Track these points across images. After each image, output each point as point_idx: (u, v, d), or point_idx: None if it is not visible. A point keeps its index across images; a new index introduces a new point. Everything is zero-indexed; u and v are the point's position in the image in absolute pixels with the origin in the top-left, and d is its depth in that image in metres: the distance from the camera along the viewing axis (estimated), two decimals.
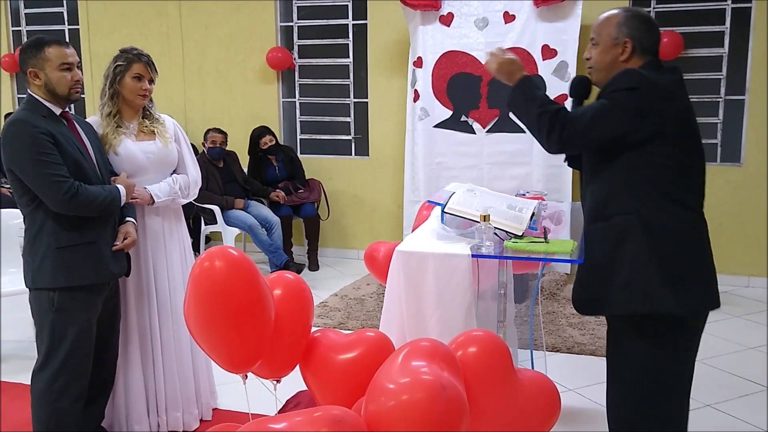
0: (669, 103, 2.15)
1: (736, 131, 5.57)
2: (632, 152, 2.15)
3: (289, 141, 6.79)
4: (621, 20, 2.23)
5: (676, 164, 2.16)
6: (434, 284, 2.60)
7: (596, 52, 2.27)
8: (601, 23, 2.28)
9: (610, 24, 2.24)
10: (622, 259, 2.17)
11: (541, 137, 2.23)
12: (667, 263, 2.14)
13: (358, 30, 6.42)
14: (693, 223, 2.21)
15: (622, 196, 2.18)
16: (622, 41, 2.22)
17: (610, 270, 2.19)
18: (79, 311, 2.69)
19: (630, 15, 2.24)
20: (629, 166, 2.17)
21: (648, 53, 2.23)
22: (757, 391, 3.65)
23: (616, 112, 2.13)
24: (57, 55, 2.65)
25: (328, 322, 4.73)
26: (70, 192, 2.57)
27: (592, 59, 2.29)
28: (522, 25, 5.53)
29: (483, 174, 5.66)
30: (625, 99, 2.12)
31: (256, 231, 5.78)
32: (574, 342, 4.31)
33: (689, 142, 2.20)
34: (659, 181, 2.15)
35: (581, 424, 3.31)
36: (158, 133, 3.06)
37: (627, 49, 2.22)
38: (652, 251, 2.14)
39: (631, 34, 2.21)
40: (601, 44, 2.26)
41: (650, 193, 2.16)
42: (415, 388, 1.72)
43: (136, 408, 3.05)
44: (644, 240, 2.14)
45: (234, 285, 2.09)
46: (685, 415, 2.32)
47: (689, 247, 2.19)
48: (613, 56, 2.23)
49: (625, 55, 2.22)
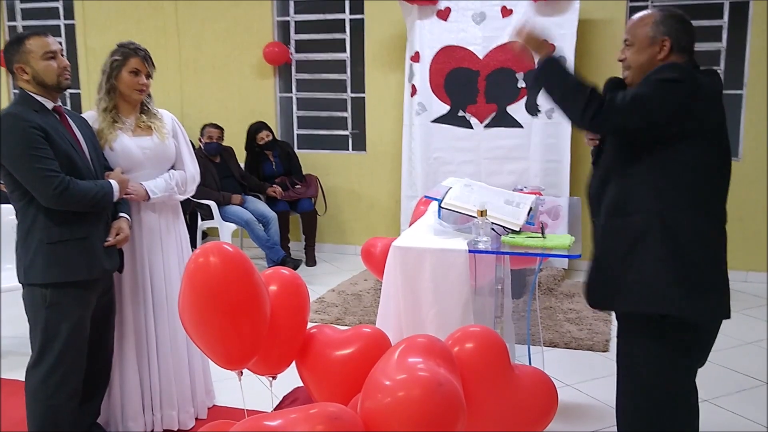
0: (707, 104, 2.13)
1: (733, 126, 5.56)
2: (661, 150, 2.12)
3: (286, 136, 6.77)
4: (658, 19, 2.21)
5: (703, 168, 2.14)
6: (431, 280, 2.59)
7: (631, 52, 2.24)
8: (636, 23, 2.25)
9: (646, 23, 2.22)
10: (637, 257, 2.14)
11: (573, 111, 2.18)
12: (682, 267, 2.12)
13: (355, 25, 6.39)
14: (713, 230, 2.19)
15: (645, 194, 2.15)
16: (659, 40, 2.19)
17: (625, 267, 2.17)
18: (73, 307, 2.68)
19: (667, 14, 2.22)
20: (657, 164, 2.14)
21: (685, 52, 2.21)
22: (755, 386, 3.64)
23: (657, 99, 2.09)
24: (38, 45, 2.64)
25: (325, 318, 4.72)
26: (61, 187, 2.55)
27: (627, 60, 2.26)
28: (520, 19, 5.50)
29: (480, 169, 5.65)
30: (668, 89, 2.09)
31: (253, 226, 5.76)
32: (572, 337, 4.31)
33: (719, 148, 2.18)
34: (685, 183, 2.13)
35: (578, 419, 3.31)
36: (155, 128, 3.04)
37: (665, 47, 2.19)
38: (669, 253, 2.11)
39: (668, 33, 2.19)
40: (636, 44, 2.23)
41: (674, 195, 2.13)
42: (412, 385, 1.71)
43: (131, 405, 3.04)
44: (662, 241, 2.12)
45: (229, 281, 2.07)
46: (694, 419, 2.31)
47: (707, 253, 2.17)
48: (650, 55, 2.21)
49: (662, 53, 2.20)
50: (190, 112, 6.76)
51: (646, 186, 2.15)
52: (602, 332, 4.38)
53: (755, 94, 5.40)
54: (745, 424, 3.25)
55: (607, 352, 4.10)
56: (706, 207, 2.16)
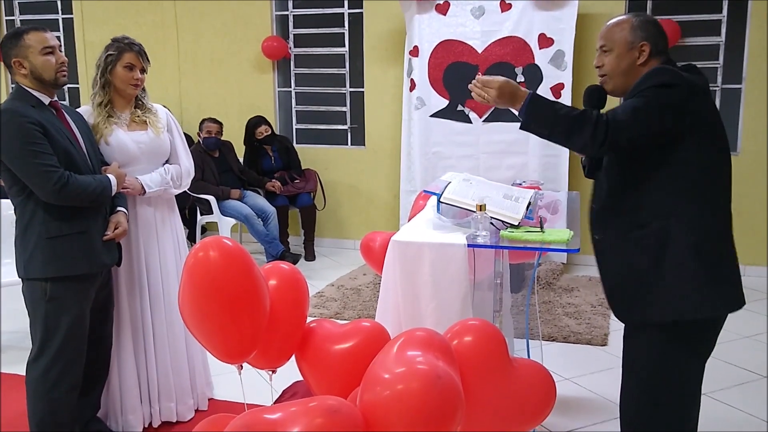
0: (701, 100, 2.13)
1: (732, 120, 5.56)
2: (668, 154, 2.11)
3: (285, 131, 6.77)
4: (635, 24, 2.20)
5: (708, 165, 2.13)
6: (430, 274, 2.60)
7: (610, 58, 2.22)
8: (612, 29, 2.23)
9: (624, 29, 2.21)
10: (665, 264, 2.12)
11: (581, 141, 2.10)
12: (709, 267, 2.12)
13: (354, 19, 6.39)
14: (724, 223, 2.19)
15: (656, 198, 2.14)
16: (638, 45, 2.19)
17: (654, 277, 2.14)
18: (72, 301, 2.68)
19: (642, 19, 2.23)
20: (665, 169, 2.12)
21: (661, 54, 2.21)
22: (754, 379, 3.66)
23: (657, 107, 2.07)
24: (37, 40, 2.63)
25: (325, 312, 4.73)
26: (60, 182, 2.56)
27: (605, 66, 2.24)
28: (518, 13, 5.51)
29: (479, 163, 5.65)
30: (663, 96, 2.08)
31: (252, 221, 5.77)
32: (570, 331, 4.32)
33: (720, 143, 2.17)
34: (694, 182, 2.12)
35: (577, 413, 3.32)
36: (150, 123, 3.04)
37: (644, 52, 2.19)
38: (694, 255, 2.11)
39: (646, 38, 2.19)
40: (615, 49, 2.21)
41: (686, 195, 2.12)
42: (411, 378, 1.71)
43: (130, 398, 3.05)
44: (686, 243, 2.10)
45: (228, 275, 2.07)
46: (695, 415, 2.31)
47: (725, 246, 2.18)
48: (630, 60, 2.20)
49: (642, 58, 2.19)
50: (188, 107, 6.76)
51: (659, 192, 2.14)
52: (601, 326, 4.39)
53: (754, 88, 5.40)
54: (744, 418, 3.26)
55: (606, 346, 4.11)
56: (715, 202, 2.16)
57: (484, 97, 2.25)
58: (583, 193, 3.05)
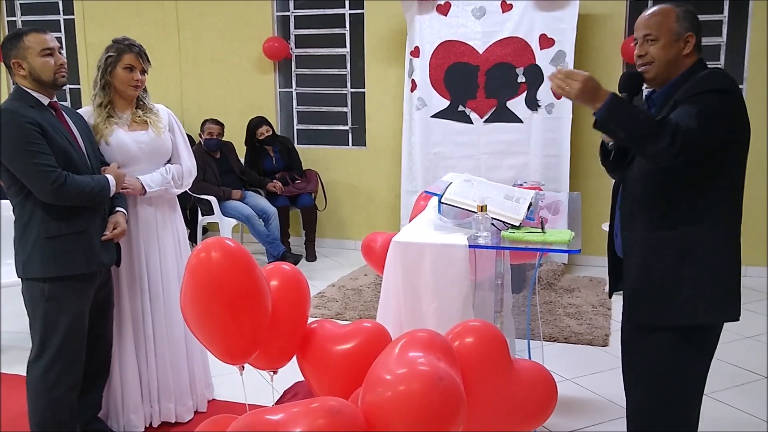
0: (745, 109, 2.13)
1: None
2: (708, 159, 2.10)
3: (286, 131, 6.77)
4: (680, 14, 2.17)
5: (738, 175, 2.16)
6: (431, 275, 2.60)
7: (656, 47, 2.17)
8: (657, 18, 2.18)
9: (670, 18, 2.17)
10: (689, 269, 2.13)
11: (656, 148, 2.02)
12: (731, 273, 2.15)
13: (355, 19, 6.39)
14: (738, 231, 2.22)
15: (689, 204, 2.13)
16: (684, 35, 2.17)
17: (675, 281, 2.14)
18: (71, 300, 2.69)
19: (685, 9, 2.19)
20: (701, 173, 2.11)
21: (700, 50, 2.20)
22: (754, 380, 3.65)
23: (723, 116, 2.06)
24: (37, 41, 2.64)
25: (326, 313, 4.73)
26: (58, 182, 2.56)
27: (649, 55, 2.19)
28: (519, 14, 5.51)
29: (480, 164, 5.65)
30: (726, 102, 2.07)
31: (253, 222, 5.77)
32: (571, 332, 4.31)
33: (746, 153, 2.19)
34: (725, 192, 2.13)
35: (578, 413, 3.32)
36: (151, 123, 3.04)
37: (690, 43, 2.17)
38: (721, 262, 2.12)
39: (692, 29, 2.17)
40: (662, 39, 2.17)
41: (717, 205, 2.13)
42: (412, 379, 1.71)
43: (131, 398, 3.06)
44: (713, 251, 2.12)
45: (230, 276, 2.08)
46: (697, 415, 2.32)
47: (738, 256, 2.21)
48: (676, 51, 2.17)
49: (687, 49, 2.17)
50: (189, 107, 6.76)
51: (689, 195, 2.13)
52: (602, 327, 4.39)
53: (755, 88, 5.40)
54: (744, 419, 3.26)
55: (607, 346, 4.11)
56: (735, 212, 2.19)
57: (564, 89, 2.14)
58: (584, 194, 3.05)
